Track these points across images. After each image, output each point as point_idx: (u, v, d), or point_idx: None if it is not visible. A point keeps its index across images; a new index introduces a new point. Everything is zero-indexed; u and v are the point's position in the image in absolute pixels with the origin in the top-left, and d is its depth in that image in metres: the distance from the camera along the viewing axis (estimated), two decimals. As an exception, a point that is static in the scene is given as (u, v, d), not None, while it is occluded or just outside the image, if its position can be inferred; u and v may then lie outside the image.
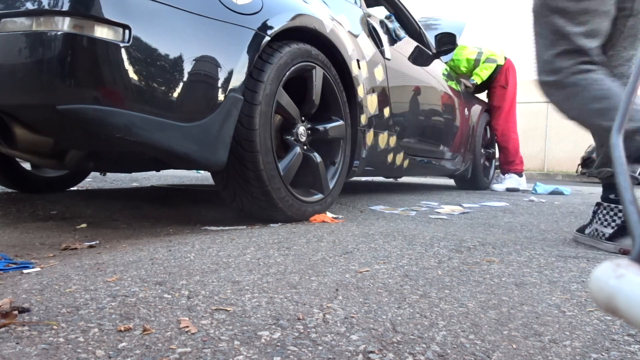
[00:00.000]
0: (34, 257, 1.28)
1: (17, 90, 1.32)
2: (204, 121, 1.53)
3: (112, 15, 1.31)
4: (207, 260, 1.18)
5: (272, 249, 1.32)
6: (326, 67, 2.02)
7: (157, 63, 1.40)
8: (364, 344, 0.72)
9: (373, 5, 3.24)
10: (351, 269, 1.14)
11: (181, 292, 0.93)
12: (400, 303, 0.91)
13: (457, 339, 0.75)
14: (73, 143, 1.68)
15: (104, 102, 1.32)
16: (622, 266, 0.35)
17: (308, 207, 1.92)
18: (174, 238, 1.54)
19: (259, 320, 0.79)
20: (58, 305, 0.83)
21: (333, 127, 2.08)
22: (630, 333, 0.80)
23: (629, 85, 0.45)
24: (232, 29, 1.60)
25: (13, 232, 1.69)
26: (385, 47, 2.69)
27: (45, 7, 1.27)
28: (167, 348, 0.68)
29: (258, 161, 1.67)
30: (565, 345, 0.74)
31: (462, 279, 1.10)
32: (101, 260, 1.19)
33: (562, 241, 1.71)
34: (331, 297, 0.92)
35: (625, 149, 0.42)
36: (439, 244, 1.47)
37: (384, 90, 2.60)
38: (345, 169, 2.19)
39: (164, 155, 1.54)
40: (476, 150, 4.24)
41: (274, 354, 0.67)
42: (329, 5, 2.30)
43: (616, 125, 0.43)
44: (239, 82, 1.61)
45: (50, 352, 0.65)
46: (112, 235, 1.67)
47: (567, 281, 1.11)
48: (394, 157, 2.79)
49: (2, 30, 1.30)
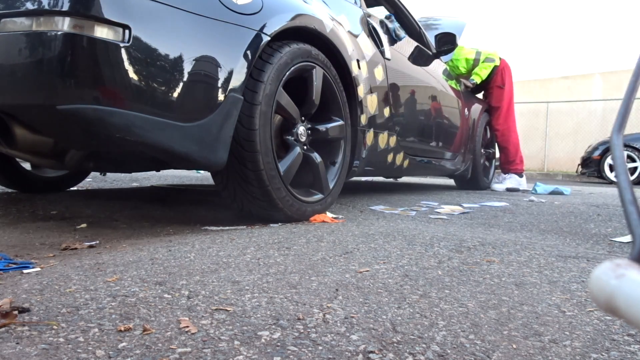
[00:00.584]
0: (34, 257, 1.28)
1: (17, 90, 1.31)
2: (204, 121, 1.53)
3: (112, 15, 1.31)
4: (207, 260, 1.18)
5: (272, 249, 1.32)
6: (326, 67, 2.02)
7: (157, 63, 1.40)
8: (364, 344, 0.72)
9: (373, 5, 3.24)
10: (351, 269, 1.14)
11: (181, 292, 0.93)
12: (400, 303, 0.91)
13: (457, 339, 0.75)
14: (73, 143, 1.68)
15: (104, 102, 1.32)
16: (622, 266, 0.35)
17: (308, 207, 1.92)
18: (174, 238, 1.54)
19: (259, 320, 0.79)
20: (58, 305, 0.83)
21: (333, 127, 2.08)
22: (630, 333, 0.80)
23: (629, 85, 0.45)
24: (232, 29, 1.60)
25: (13, 232, 1.69)
26: (385, 47, 2.69)
27: (45, 7, 1.27)
28: (167, 348, 0.68)
29: (258, 161, 1.67)
30: (565, 345, 0.74)
31: (462, 279, 1.10)
32: (101, 260, 1.19)
33: (562, 241, 1.71)
34: (331, 297, 0.92)
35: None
36: (439, 244, 1.47)
37: (384, 90, 2.60)
38: (345, 169, 2.19)
39: (164, 155, 1.54)
40: (476, 150, 4.24)
41: (274, 354, 0.67)
42: (329, 5, 2.30)
43: (616, 126, 0.43)
44: (239, 82, 1.61)
45: (50, 352, 0.65)
46: (112, 235, 1.67)
47: (567, 281, 1.11)
48: (394, 157, 2.79)
49: (2, 30, 1.30)
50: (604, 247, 1.63)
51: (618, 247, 1.63)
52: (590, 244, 1.67)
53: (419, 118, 3.13)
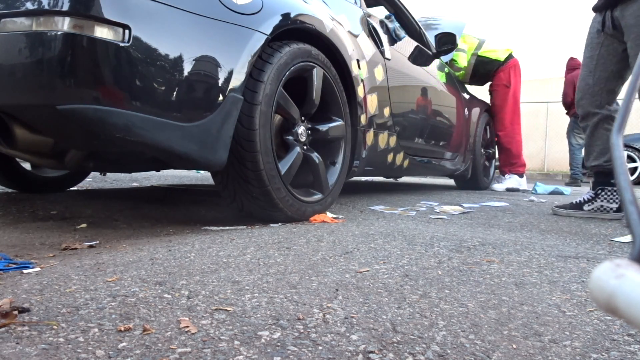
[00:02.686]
0: (34, 257, 1.28)
1: (17, 90, 1.31)
2: (204, 121, 1.53)
3: (112, 15, 1.31)
4: (207, 260, 1.18)
5: (272, 249, 1.32)
6: (326, 67, 2.02)
7: (157, 63, 1.40)
8: (364, 344, 0.72)
9: (373, 5, 3.24)
10: (351, 269, 1.14)
11: (181, 292, 0.93)
12: (400, 303, 0.91)
13: (457, 339, 0.75)
14: (73, 143, 1.68)
15: (104, 102, 1.32)
16: (622, 266, 0.34)
17: (308, 207, 1.92)
18: (174, 238, 1.54)
19: (259, 320, 0.79)
20: (58, 305, 0.83)
21: (333, 127, 2.08)
22: (630, 333, 0.80)
23: (629, 85, 0.45)
24: (232, 29, 1.60)
25: (13, 232, 1.69)
26: (385, 47, 2.69)
27: (45, 7, 1.27)
28: (167, 348, 0.68)
29: (258, 161, 1.67)
30: (565, 345, 0.74)
31: (462, 279, 1.10)
32: (101, 260, 1.19)
33: (562, 241, 1.71)
34: (331, 297, 0.92)
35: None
36: (439, 244, 1.47)
37: (384, 90, 2.60)
38: (345, 169, 2.19)
39: (164, 155, 1.54)
40: (476, 150, 4.24)
41: (274, 354, 0.67)
42: (329, 5, 2.30)
43: (616, 125, 0.43)
44: (239, 82, 1.61)
45: (50, 352, 0.65)
46: (112, 235, 1.67)
47: (567, 281, 1.11)
48: (394, 157, 2.79)
49: (2, 30, 1.30)
50: (604, 247, 1.63)
51: (618, 247, 1.63)
52: (590, 244, 1.67)
53: (419, 118, 3.13)
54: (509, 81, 4.50)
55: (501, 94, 4.54)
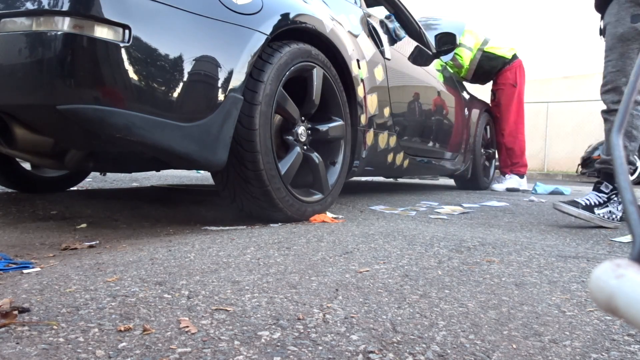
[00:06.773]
0: (34, 257, 1.28)
1: (17, 90, 1.31)
2: (204, 121, 1.53)
3: (112, 15, 1.31)
4: (207, 260, 1.18)
5: (272, 249, 1.32)
6: (326, 67, 2.02)
7: (157, 63, 1.40)
8: (364, 344, 0.72)
9: (373, 5, 3.24)
10: (351, 269, 1.14)
11: (181, 292, 0.93)
12: (400, 303, 0.91)
13: (457, 339, 0.75)
14: (73, 143, 1.68)
15: (104, 102, 1.32)
16: (622, 266, 0.34)
17: (308, 207, 1.92)
18: (174, 238, 1.54)
19: (259, 320, 0.79)
20: (58, 305, 0.83)
21: (333, 127, 2.08)
22: (630, 333, 0.80)
23: (629, 85, 0.45)
24: (232, 29, 1.60)
25: (13, 232, 1.69)
26: (385, 47, 2.69)
27: (45, 7, 1.27)
28: (167, 348, 0.68)
29: (258, 161, 1.67)
30: (565, 345, 0.74)
31: (462, 279, 1.10)
32: (101, 260, 1.19)
33: (562, 241, 1.71)
34: (331, 297, 0.92)
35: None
36: (439, 244, 1.47)
37: (384, 90, 2.60)
38: (345, 169, 2.19)
39: (164, 155, 1.54)
40: (476, 150, 4.24)
41: (274, 354, 0.67)
42: (329, 5, 2.30)
43: (616, 125, 0.43)
44: (239, 82, 1.61)
45: (50, 352, 0.65)
46: (112, 235, 1.67)
47: (567, 281, 1.11)
48: (394, 157, 2.79)
49: (2, 30, 1.30)
50: (604, 247, 1.63)
51: (618, 247, 1.63)
52: (590, 244, 1.67)
53: (419, 118, 3.13)
54: (515, 81, 4.47)
55: (507, 93, 4.50)
